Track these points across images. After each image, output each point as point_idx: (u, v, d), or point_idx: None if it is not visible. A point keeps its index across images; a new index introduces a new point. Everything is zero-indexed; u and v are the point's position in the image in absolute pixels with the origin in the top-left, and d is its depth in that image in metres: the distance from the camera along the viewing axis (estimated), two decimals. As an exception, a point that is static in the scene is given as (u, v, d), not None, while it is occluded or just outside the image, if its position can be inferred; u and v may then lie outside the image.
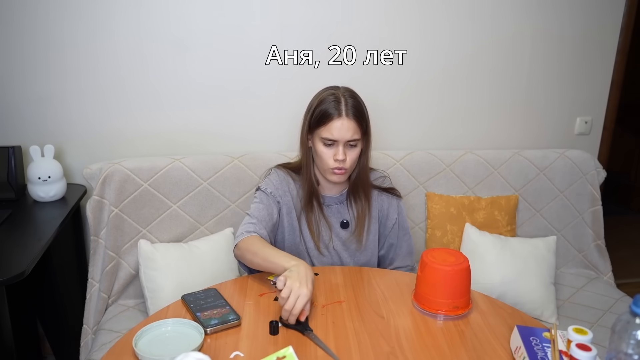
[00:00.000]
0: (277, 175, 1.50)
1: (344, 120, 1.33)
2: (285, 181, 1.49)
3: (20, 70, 1.82)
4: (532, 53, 2.14)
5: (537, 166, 2.07)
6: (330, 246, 1.50)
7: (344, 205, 1.49)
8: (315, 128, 1.38)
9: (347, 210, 1.49)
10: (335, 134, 1.34)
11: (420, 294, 1.22)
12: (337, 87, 1.42)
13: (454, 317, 1.19)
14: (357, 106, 1.37)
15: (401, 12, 2.00)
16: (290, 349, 0.91)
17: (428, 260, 1.21)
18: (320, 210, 1.47)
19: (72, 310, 1.84)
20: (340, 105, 1.34)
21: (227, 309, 1.17)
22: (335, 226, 1.49)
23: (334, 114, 1.34)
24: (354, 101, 1.37)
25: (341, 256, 1.52)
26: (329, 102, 1.35)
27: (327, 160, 1.37)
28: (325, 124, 1.34)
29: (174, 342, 1.07)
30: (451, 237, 1.94)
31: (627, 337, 0.82)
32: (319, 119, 1.36)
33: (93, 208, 1.73)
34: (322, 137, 1.36)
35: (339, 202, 1.49)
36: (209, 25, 1.88)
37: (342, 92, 1.38)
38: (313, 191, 1.45)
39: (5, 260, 1.35)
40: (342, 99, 1.36)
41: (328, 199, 1.49)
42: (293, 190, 1.49)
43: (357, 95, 1.41)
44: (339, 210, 1.49)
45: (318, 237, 1.48)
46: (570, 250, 2.11)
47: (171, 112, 1.94)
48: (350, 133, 1.34)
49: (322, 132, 1.36)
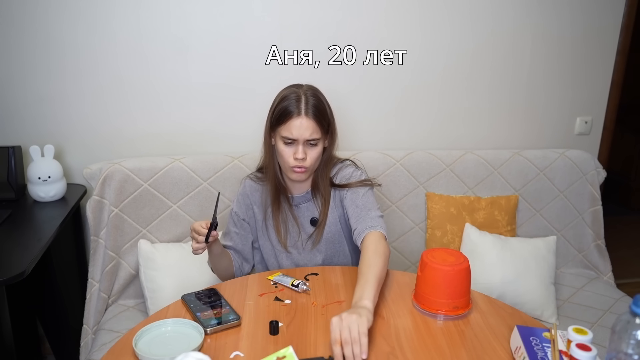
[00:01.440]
0: (244, 188, 1.51)
1: (303, 119, 1.32)
2: (251, 192, 1.50)
3: (20, 70, 1.82)
4: (532, 53, 2.15)
5: (537, 166, 2.07)
6: (299, 244, 1.49)
7: (312, 203, 1.47)
8: (276, 126, 1.37)
9: (316, 207, 1.47)
10: (295, 132, 1.33)
11: (420, 294, 1.22)
12: (300, 85, 1.40)
13: (454, 317, 1.19)
14: (318, 105, 1.35)
15: (401, 12, 2.00)
16: (290, 349, 0.91)
17: (428, 260, 1.21)
18: (290, 210, 1.46)
19: (72, 310, 1.84)
20: (300, 104, 1.33)
21: (227, 309, 1.17)
22: (305, 224, 1.48)
23: (293, 112, 1.32)
24: (314, 100, 1.35)
25: (314, 255, 1.49)
26: (290, 99, 1.34)
27: (287, 158, 1.36)
28: (284, 123, 1.33)
29: (174, 342, 1.07)
30: (451, 237, 1.94)
31: (627, 337, 0.82)
32: (279, 117, 1.35)
33: (93, 208, 1.73)
34: (282, 136, 1.35)
35: (307, 201, 1.48)
36: (209, 25, 1.88)
37: (304, 91, 1.36)
38: (280, 190, 1.45)
39: (5, 260, 1.35)
40: (303, 97, 1.34)
41: (296, 198, 1.47)
42: (261, 197, 1.49)
43: (320, 94, 1.39)
44: (308, 209, 1.48)
45: (285, 236, 1.47)
46: (570, 250, 2.11)
47: (171, 112, 1.94)
48: (309, 132, 1.33)
49: (282, 130, 1.35)
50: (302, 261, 1.51)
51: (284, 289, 1.31)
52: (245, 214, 1.50)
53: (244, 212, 1.50)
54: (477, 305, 1.27)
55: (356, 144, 2.08)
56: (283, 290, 1.31)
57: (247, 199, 1.50)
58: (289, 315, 1.20)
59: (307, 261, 1.51)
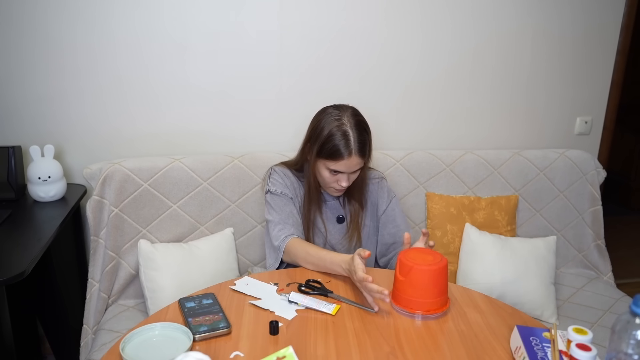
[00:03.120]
0: (278, 174, 1.57)
1: (352, 158, 1.40)
2: (288, 177, 1.57)
3: (19, 70, 1.82)
4: (532, 53, 2.15)
5: (537, 166, 2.07)
6: (323, 238, 1.56)
7: (339, 202, 1.58)
8: (323, 158, 1.43)
9: (342, 207, 1.58)
10: (343, 169, 1.42)
11: (399, 295, 1.21)
12: (343, 111, 1.44)
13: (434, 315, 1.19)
14: (365, 140, 1.42)
15: (402, 12, 2.00)
16: (290, 349, 0.91)
17: (407, 261, 1.20)
18: (318, 207, 1.54)
19: (72, 310, 1.84)
20: (350, 144, 1.39)
21: (220, 316, 1.16)
22: (332, 220, 1.57)
23: (344, 153, 1.39)
24: (361, 136, 1.41)
25: (336, 249, 1.56)
26: (338, 139, 1.39)
27: (331, 183, 1.46)
28: (334, 160, 1.40)
29: (162, 347, 1.05)
30: (451, 237, 1.94)
31: (627, 337, 0.82)
32: (329, 154, 1.41)
33: (93, 208, 1.73)
34: (329, 168, 1.43)
35: (334, 199, 1.58)
36: (209, 25, 1.88)
37: (351, 124, 1.41)
38: (315, 189, 1.53)
39: (5, 260, 1.35)
40: (351, 134, 1.39)
41: (326, 195, 1.58)
42: (295, 184, 1.57)
43: (362, 120, 1.44)
44: (335, 207, 1.58)
45: (312, 230, 1.54)
46: (570, 250, 2.11)
47: (171, 111, 1.94)
48: (356, 166, 1.43)
49: (329, 164, 1.42)
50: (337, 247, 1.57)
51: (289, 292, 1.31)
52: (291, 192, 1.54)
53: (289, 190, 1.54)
54: (477, 305, 1.27)
55: (356, 144, 2.08)
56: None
57: (288, 180, 1.56)
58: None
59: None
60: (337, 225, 1.58)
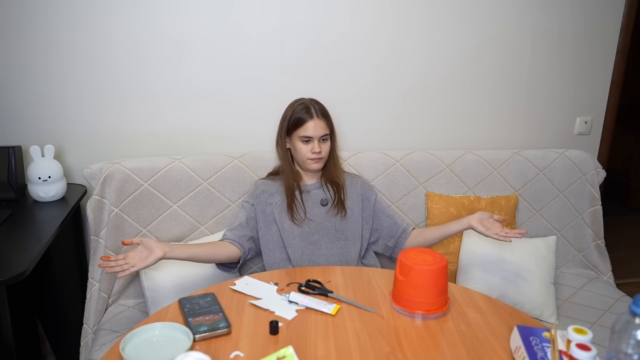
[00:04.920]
0: (256, 185, 1.73)
1: (316, 120, 1.64)
2: (267, 185, 1.72)
3: (19, 70, 1.82)
4: (533, 53, 2.15)
5: (537, 166, 2.07)
6: (305, 219, 1.66)
7: (321, 190, 1.72)
8: (292, 131, 1.67)
9: (325, 193, 1.72)
10: (311, 131, 1.64)
11: (400, 295, 1.21)
12: (303, 98, 1.72)
13: (435, 315, 1.19)
14: (323, 109, 1.69)
15: (402, 12, 2.00)
16: (290, 349, 0.91)
17: (407, 261, 1.20)
18: (300, 196, 1.70)
19: (72, 310, 1.84)
20: (311, 110, 1.66)
21: (220, 316, 1.16)
22: (315, 205, 1.70)
23: (306, 117, 1.64)
24: (320, 106, 1.68)
25: (323, 225, 1.66)
26: (301, 109, 1.66)
27: (306, 153, 1.66)
28: (301, 126, 1.65)
29: (162, 347, 1.05)
30: (451, 237, 1.94)
31: (627, 337, 0.82)
32: (295, 124, 1.66)
33: (93, 208, 1.73)
34: (300, 137, 1.65)
35: (317, 188, 1.72)
36: (208, 25, 1.88)
37: (309, 101, 1.69)
38: (296, 180, 1.70)
39: (5, 260, 1.35)
40: (311, 105, 1.67)
41: (308, 186, 1.72)
42: (271, 189, 1.70)
43: (321, 103, 1.71)
44: (317, 195, 1.71)
45: (294, 215, 1.66)
46: (570, 250, 2.11)
47: (171, 111, 1.94)
48: (322, 130, 1.65)
49: (299, 132, 1.65)
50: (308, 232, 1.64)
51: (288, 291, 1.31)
52: (255, 200, 1.70)
53: (254, 200, 1.71)
54: (477, 305, 1.27)
55: (356, 144, 2.09)
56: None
57: (260, 190, 1.71)
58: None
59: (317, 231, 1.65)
60: (323, 208, 1.69)
